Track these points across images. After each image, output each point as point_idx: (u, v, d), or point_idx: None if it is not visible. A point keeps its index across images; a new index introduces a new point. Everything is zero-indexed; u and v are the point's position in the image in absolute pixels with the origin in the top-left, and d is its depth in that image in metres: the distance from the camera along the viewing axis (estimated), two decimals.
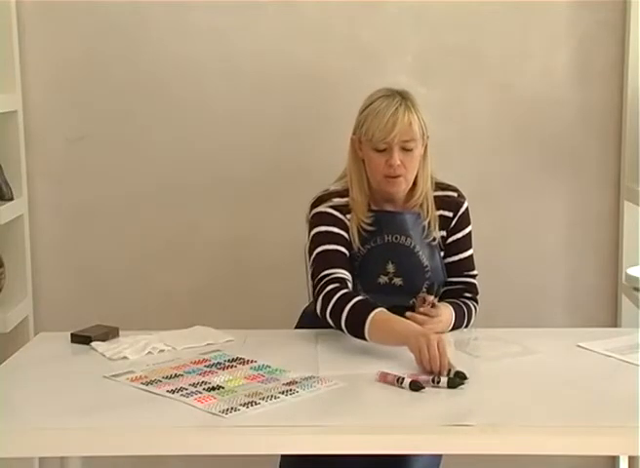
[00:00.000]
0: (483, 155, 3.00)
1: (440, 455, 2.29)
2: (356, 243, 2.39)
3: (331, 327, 2.26)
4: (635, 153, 2.89)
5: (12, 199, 2.87)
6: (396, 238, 2.40)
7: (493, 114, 2.99)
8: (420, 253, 2.41)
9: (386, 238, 2.41)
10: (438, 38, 2.95)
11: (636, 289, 2.79)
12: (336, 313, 2.23)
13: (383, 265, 2.40)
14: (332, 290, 2.27)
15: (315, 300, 2.30)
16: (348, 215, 2.40)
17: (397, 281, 2.40)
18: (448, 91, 2.97)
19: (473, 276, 2.49)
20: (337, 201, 2.42)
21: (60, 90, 2.98)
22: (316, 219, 2.41)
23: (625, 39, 2.90)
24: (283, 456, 2.32)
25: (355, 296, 2.24)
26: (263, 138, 2.99)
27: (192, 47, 2.96)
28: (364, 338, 2.19)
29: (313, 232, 2.40)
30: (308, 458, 1.98)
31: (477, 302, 2.46)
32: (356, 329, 2.19)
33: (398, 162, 2.33)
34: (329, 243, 2.37)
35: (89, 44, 2.96)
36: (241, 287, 3.06)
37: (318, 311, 2.29)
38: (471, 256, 2.49)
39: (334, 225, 2.39)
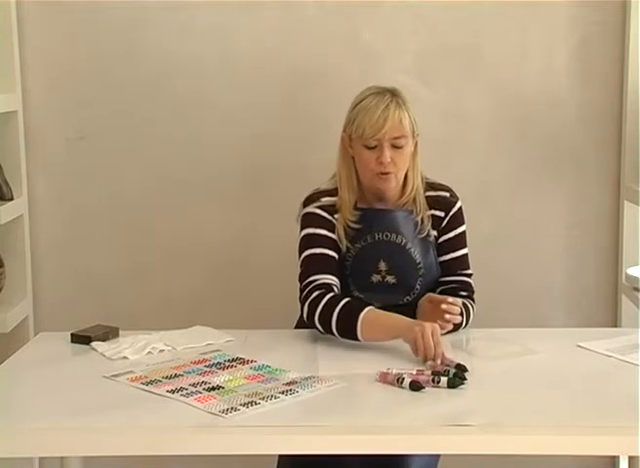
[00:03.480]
0: (483, 155, 3.00)
1: (438, 455, 2.29)
2: (344, 242, 2.39)
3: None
4: (635, 153, 2.89)
5: (12, 199, 2.87)
6: (387, 236, 2.40)
7: (493, 114, 2.99)
8: (413, 249, 2.40)
9: (377, 236, 2.40)
10: (438, 38, 2.95)
11: (636, 289, 2.79)
12: (325, 318, 2.24)
13: (375, 264, 2.39)
14: (318, 295, 2.28)
15: (302, 306, 2.31)
16: (336, 215, 2.40)
17: (390, 279, 2.39)
18: (448, 91, 2.97)
19: (468, 275, 2.48)
20: (325, 200, 2.42)
21: (60, 90, 2.98)
22: (305, 221, 2.42)
23: (625, 39, 2.90)
24: (280, 457, 2.32)
25: (342, 299, 2.25)
26: (263, 138, 2.99)
27: (192, 46, 2.96)
28: (357, 339, 2.20)
29: (302, 234, 2.41)
30: (305, 459, 1.98)
31: (474, 301, 2.45)
32: (348, 331, 2.21)
33: (389, 159, 2.33)
34: (316, 246, 2.38)
35: (89, 44, 2.96)
36: (241, 286, 3.06)
37: (305, 317, 2.30)
38: (465, 256, 2.48)
39: (321, 227, 2.39)
